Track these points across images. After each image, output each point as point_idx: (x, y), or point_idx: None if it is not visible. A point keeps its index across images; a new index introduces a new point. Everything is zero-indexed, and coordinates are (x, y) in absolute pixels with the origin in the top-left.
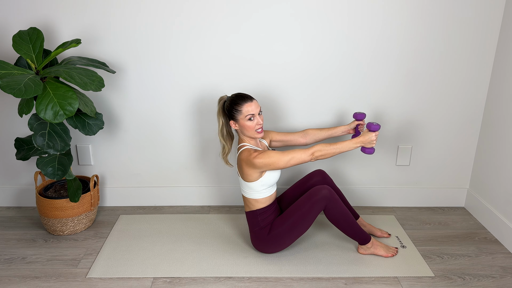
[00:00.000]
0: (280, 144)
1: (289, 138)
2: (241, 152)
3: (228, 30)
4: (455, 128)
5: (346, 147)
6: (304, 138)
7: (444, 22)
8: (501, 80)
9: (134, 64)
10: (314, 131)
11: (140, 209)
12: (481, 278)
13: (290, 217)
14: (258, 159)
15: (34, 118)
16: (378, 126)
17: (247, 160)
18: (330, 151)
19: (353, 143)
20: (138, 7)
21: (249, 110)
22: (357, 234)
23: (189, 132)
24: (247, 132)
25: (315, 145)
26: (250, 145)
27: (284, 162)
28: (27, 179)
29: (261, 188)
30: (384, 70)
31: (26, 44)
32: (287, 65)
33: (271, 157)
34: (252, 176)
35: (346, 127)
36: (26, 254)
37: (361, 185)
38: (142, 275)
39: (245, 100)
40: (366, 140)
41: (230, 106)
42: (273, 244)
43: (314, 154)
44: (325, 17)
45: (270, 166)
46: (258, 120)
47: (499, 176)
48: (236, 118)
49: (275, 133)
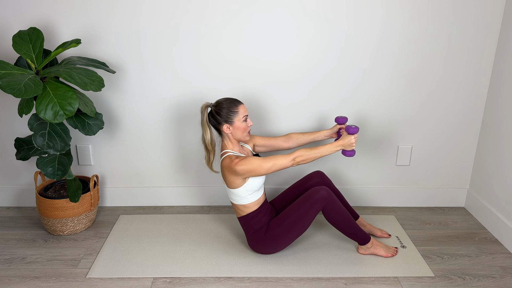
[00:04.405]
0: (264, 149)
1: (272, 143)
2: (223, 159)
3: (228, 32)
4: (455, 128)
5: (327, 151)
6: (287, 143)
7: (444, 22)
8: (501, 80)
9: (134, 64)
10: (297, 135)
11: (140, 209)
12: (481, 278)
13: (288, 217)
14: (240, 166)
15: (34, 118)
16: (357, 128)
17: (228, 167)
18: (311, 155)
19: (333, 146)
20: (138, 7)
21: (244, 111)
22: (356, 234)
23: (189, 132)
24: (240, 134)
25: (296, 150)
26: (232, 152)
27: (266, 169)
28: (27, 179)
29: (247, 194)
30: (384, 70)
31: (26, 44)
32: (287, 65)
33: (252, 164)
34: (235, 182)
35: (328, 131)
36: (26, 254)
37: (361, 185)
38: (142, 275)
39: (239, 102)
40: (346, 143)
41: (225, 109)
42: (271, 245)
43: (295, 159)
44: (319, 20)
45: (252, 172)
46: (250, 121)
47: (499, 176)
48: (232, 120)
49: (259, 137)
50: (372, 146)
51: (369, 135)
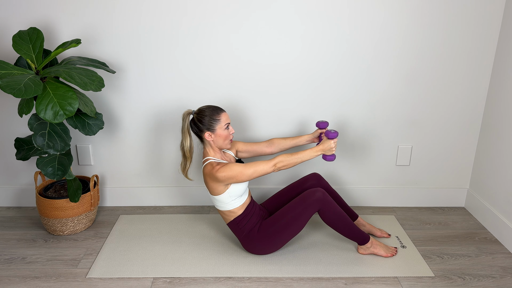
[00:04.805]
0: (246, 154)
1: (255, 148)
2: (205, 166)
3: (230, 31)
4: (455, 128)
5: (307, 156)
6: (269, 148)
7: (444, 22)
8: (501, 80)
9: (134, 64)
10: (279, 140)
11: (140, 209)
12: (481, 278)
13: (282, 217)
14: (220, 173)
15: (34, 118)
16: (336, 133)
17: (210, 173)
18: (292, 161)
19: (314, 151)
20: (139, 7)
21: (226, 119)
22: (355, 234)
23: None
24: (222, 142)
25: (277, 156)
26: (214, 158)
27: (247, 175)
28: (27, 179)
29: (230, 200)
30: (384, 70)
31: (26, 44)
32: (287, 66)
33: (233, 170)
34: (218, 189)
35: (310, 136)
36: (26, 254)
37: (361, 185)
38: (142, 275)
39: (221, 110)
40: (326, 148)
41: (207, 116)
42: (265, 245)
43: (276, 165)
44: (320, 21)
45: (233, 179)
46: (232, 129)
47: (499, 176)
48: (214, 128)
49: (241, 143)
50: (372, 146)
51: (369, 135)
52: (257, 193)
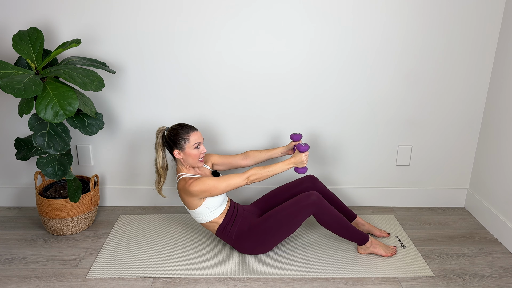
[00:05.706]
0: (223, 167)
1: (231, 161)
2: (179, 181)
3: (230, 31)
4: (455, 128)
5: (280, 169)
6: (245, 160)
7: (444, 23)
8: (501, 80)
9: (134, 64)
10: (255, 152)
11: (140, 209)
12: (481, 278)
13: (275, 217)
14: (194, 187)
15: (34, 118)
16: (307, 147)
17: (183, 188)
18: (264, 174)
19: (286, 164)
20: (139, 7)
21: (196, 139)
22: (353, 235)
23: None
24: (191, 161)
25: (250, 169)
26: (186, 174)
27: (221, 189)
28: (27, 179)
29: (208, 211)
30: (385, 70)
31: (26, 44)
32: (288, 73)
33: (206, 184)
34: (193, 203)
35: (284, 148)
36: (26, 254)
37: (361, 185)
38: (142, 275)
39: (192, 129)
40: (297, 161)
41: (176, 135)
42: (255, 244)
43: (249, 178)
44: (320, 21)
45: (207, 192)
46: (203, 149)
47: (499, 176)
48: (183, 147)
49: (217, 156)
50: (372, 146)
51: (369, 135)
52: (250, 192)
